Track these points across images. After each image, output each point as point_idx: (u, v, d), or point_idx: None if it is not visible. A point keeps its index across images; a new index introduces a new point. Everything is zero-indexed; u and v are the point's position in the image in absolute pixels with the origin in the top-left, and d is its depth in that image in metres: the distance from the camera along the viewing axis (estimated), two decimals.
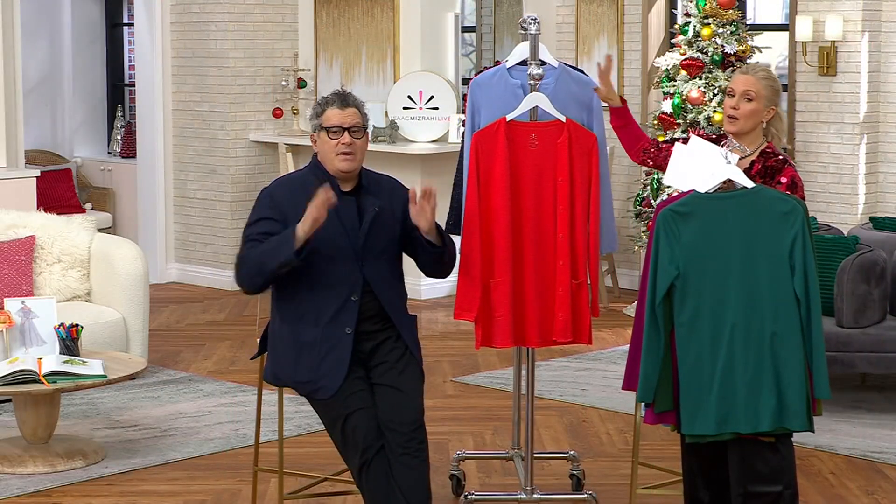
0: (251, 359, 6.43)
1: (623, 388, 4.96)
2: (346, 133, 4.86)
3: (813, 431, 4.69)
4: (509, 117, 5.27)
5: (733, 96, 4.97)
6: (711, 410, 4.60)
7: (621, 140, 5.33)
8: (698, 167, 4.72)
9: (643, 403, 4.79)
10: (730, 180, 4.64)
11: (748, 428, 4.60)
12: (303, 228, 4.69)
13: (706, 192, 4.65)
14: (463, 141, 5.64)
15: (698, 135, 5.21)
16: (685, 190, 4.74)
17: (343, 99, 4.92)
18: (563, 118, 5.27)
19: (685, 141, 5.05)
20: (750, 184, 4.65)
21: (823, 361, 4.62)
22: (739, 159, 4.87)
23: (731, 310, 4.60)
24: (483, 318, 5.27)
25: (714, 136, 5.13)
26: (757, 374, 4.58)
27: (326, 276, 4.83)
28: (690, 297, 4.63)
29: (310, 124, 4.99)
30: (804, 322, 4.61)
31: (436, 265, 5.02)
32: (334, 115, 4.89)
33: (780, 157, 4.92)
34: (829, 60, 8.94)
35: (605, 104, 5.36)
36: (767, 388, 4.58)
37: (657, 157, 5.23)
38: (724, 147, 4.80)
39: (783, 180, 4.86)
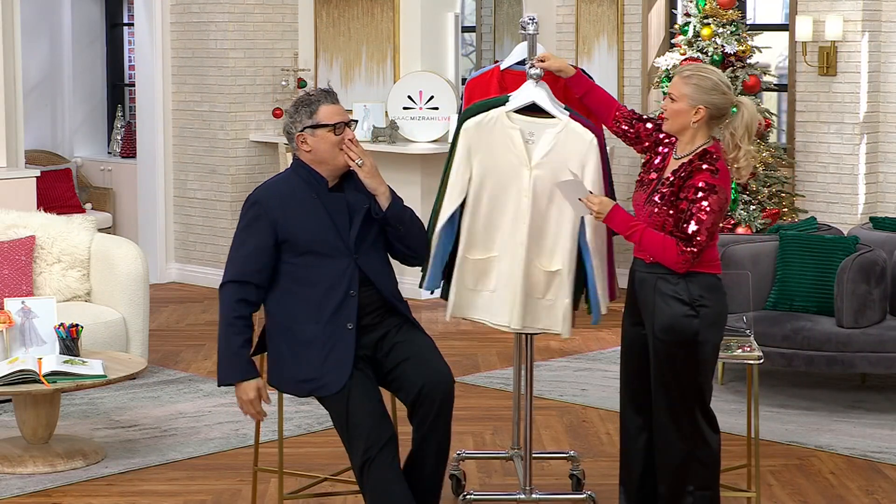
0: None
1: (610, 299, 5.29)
2: (346, 127, 4.88)
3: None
4: (503, 66, 5.28)
5: None
6: None
7: (592, 109, 5.15)
8: None
9: None
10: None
11: None
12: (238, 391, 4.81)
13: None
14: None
15: None
16: None
17: (332, 95, 4.93)
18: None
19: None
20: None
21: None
22: (677, 159, 4.81)
23: None
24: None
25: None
26: None
27: (322, 273, 4.83)
28: None
29: (294, 126, 4.94)
30: None
31: (404, 242, 4.96)
32: (333, 111, 4.88)
33: (707, 162, 4.74)
34: (829, 60, 8.94)
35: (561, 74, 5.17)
36: None
37: (632, 129, 5.05)
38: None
39: (696, 184, 4.72)
